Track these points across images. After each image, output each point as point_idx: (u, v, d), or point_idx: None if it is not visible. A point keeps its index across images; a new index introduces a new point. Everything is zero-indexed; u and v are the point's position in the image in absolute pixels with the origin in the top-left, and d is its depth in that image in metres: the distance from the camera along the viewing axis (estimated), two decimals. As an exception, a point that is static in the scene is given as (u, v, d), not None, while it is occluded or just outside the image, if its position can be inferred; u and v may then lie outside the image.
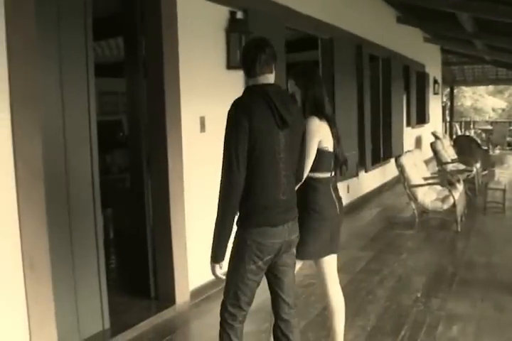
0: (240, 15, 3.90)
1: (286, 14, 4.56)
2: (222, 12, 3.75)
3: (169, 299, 3.21)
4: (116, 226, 4.61)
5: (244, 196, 1.85)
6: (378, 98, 7.55)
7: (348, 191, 6.24)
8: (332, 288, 2.48)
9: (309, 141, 2.15)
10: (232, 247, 1.93)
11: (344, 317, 2.49)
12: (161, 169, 3.17)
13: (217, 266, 1.91)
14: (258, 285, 1.98)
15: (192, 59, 3.38)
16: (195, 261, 3.34)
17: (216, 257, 1.89)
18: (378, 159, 7.54)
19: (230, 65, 3.76)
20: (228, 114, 1.88)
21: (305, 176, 2.20)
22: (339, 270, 3.98)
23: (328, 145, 2.30)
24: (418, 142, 10.09)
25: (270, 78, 1.97)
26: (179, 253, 3.22)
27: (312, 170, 2.24)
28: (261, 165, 1.85)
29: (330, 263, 2.49)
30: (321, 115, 2.29)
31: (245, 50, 2.01)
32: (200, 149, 3.44)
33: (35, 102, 2.30)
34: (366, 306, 3.32)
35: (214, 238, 1.88)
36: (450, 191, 5.25)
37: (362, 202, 6.62)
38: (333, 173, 2.35)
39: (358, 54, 6.39)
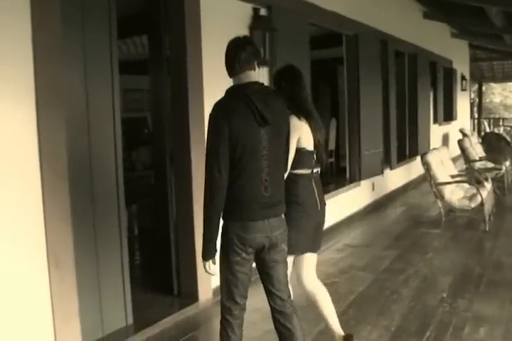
0: (263, 12, 3.85)
1: (310, 10, 4.47)
2: (246, 9, 3.71)
3: (192, 296, 3.20)
4: (140, 223, 4.63)
5: (227, 192, 1.91)
6: (404, 94, 7.38)
7: (373, 189, 6.12)
8: (309, 284, 2.46)
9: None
10: (220, 241, 1.99)
11: (329, 300, 2.49)
12: (185, 167, 3.15)
13: (207, 264, 1.98)
14: (249, 278, 2.03)
15: (215, 56, 3.29)
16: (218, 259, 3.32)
17: (205, 255, 1.97)
18: (404, 157, 7.39)
19: (254, 63, 3.74)
20: (209, 117, 1.94)
21: (288, 168, 2.21)
22: (363, 268, 3.97)
23: (307, 144, 2.33)
24: (445, 139, 9.84)
25: (252, 76, 1.99)
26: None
27: (293, 167, 2.28)
28: (243, 164, 1.90)
29: (309, 262, 2.44)
30: (301, 114, 2.31)
31: (226, 50, 2.03)
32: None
33: (60, 100, 2.30)
34: (390, 306, 3.23)
35: (203, 237, 1.94)
36: (478, 189, 5.07)
37: (387, 201, 6.48)
38: (314, 170, 2.37)
39: (384, 50, 6.25)
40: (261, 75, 3.83)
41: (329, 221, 5.02)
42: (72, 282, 2.34)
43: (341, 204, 5.29)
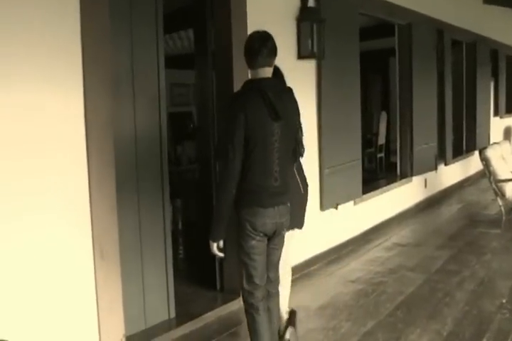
0: (311, 3, 3.76)
1: (361, 0, 4.33)
2: (293, 0, 3.63)
3: (235, 291, 3.15)
4: (184, 217, 4.69)
5: (239, 181, 2.08)
6: (461, 85, 7.03)
7: (426, 186, 5.90)
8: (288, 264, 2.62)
9: None
10: (236, 229, 2.16)
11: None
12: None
13: (214, 244, 2.16)
14: (265, 260, 2.20)
15: None
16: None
17: (213, 237, 2.15)
18: (460, 152, 7.05)
19: (301, 55, 3.67)
20: (226, 106, 2.16)
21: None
22: (413, 269, 3.83)
23: None
24: (507, 133, 9.30)
25: (268, 72, 2.15)
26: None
27: None
28: (254, 154, 2.06)
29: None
30: None
31: (249, 43, 2.15)
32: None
33: (106, 93, 2.33)
34: (442, 309, 3.08)
35: (215, 220, 2.13)
36: (543, 187, 4.76)
37: (441, 198, 6.22)
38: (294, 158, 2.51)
39: (439, 39, 5.96)
40: (307, 68, 3.80)
41: (378, 218, 4.94)
42: (116, 273, 2.39)
43: (391, 201, 5.13)
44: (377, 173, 6.15)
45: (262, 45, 2.11)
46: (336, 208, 4.08)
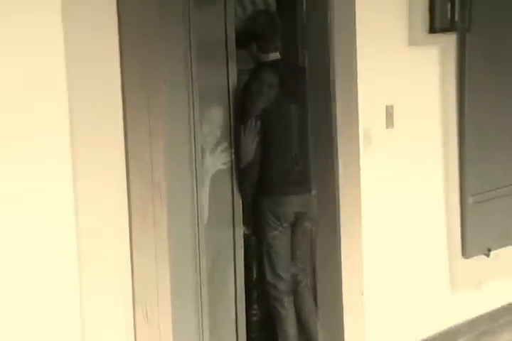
0: None
1: None
2: None
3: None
4: (260, 260, 4.68)
5: (260, 168, 2.76)
6: None
7: None
8: None
9: None
10: (257, 219, 2.84)
11: None
12: (328, 191, 3.06)
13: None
14: (288, 252, 2.89)
15: (375, 19, 3.30)
16: (375, 324, 3.26)
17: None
18: None
19: (435, 27, 3.64)
20: (241, 92, 2.78)
21: None
22: None
23: None
24: None
25: (277, 54, 2.88)
26: (353, 311, 3.13)
27: None
28: (273, 139, 2.77)
29: None
30: None
31: (260, 27, 2.83)
32: (386, 154, 3.31)
33: (156, 86, 2.37)
34: None
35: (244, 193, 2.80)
36: None
37: None
38: None
39: None
40: (443, 46, 3.74)
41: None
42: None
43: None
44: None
45: (275, 30, 2.83)
46: (488, 255, 3.96)
